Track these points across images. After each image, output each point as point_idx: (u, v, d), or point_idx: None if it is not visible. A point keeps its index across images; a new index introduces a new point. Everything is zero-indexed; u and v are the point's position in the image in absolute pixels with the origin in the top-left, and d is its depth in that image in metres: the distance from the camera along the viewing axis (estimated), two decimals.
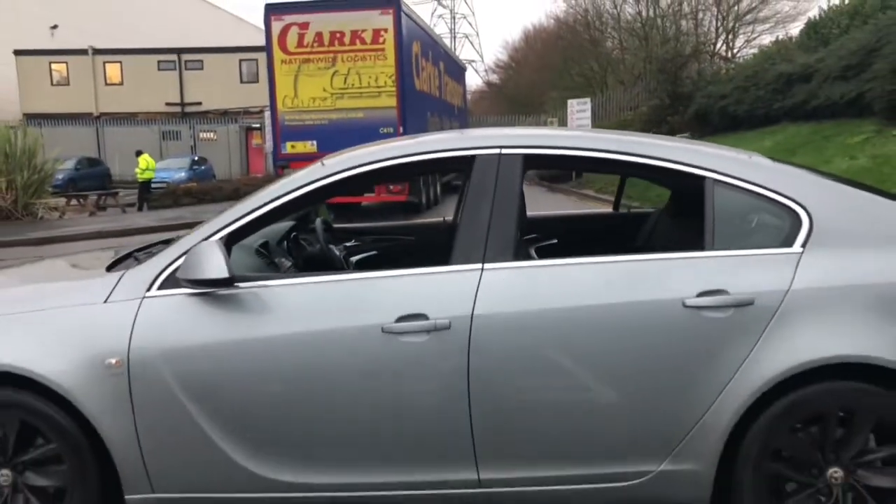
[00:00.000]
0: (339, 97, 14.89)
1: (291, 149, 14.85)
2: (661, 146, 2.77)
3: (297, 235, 3.82)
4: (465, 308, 2.52)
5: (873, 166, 11.37)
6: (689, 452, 2.51)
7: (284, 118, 15.10)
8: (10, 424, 2.62)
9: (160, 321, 2.60)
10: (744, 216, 2.64)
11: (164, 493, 2.65)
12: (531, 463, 2.56)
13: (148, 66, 36.22)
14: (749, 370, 2.44)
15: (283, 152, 14.98)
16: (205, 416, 2.57)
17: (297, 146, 14.81)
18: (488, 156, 2.70)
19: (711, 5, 29.93)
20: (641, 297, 2.50)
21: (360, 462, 2.60)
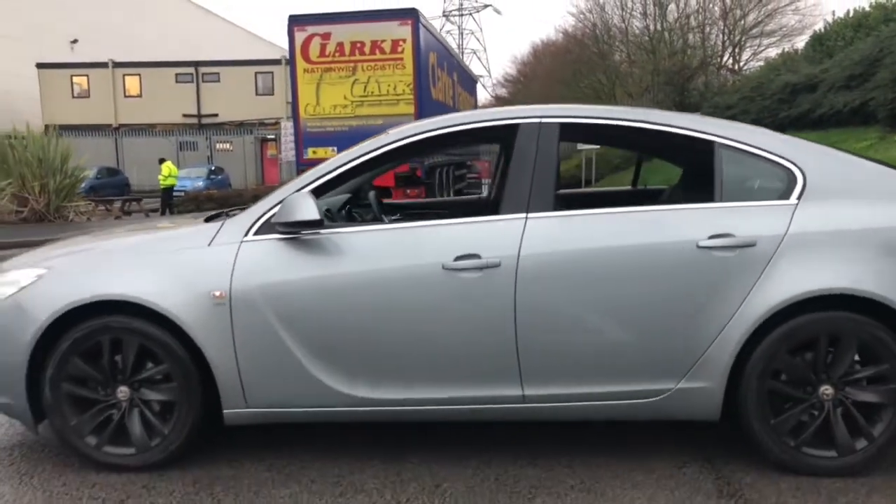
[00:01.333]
0: (359, 104, 15.47)
1: (313, 154, 15.39)
2: (676, 116, 3.27)
3: (350, 208, 4.32)
4: (513, 249, 3.01)
5: None
6: (703, 372, 2.98)
7: (306, 125, 15.67)
8: (131, 348, 3.11)
9: (256, 260, 3.10)
10: (747, 174, 3.12)
11: (257, 407, 3.13)
12: (568, 381, 3.04)
13: (166, 78, 37.00)
14: (752, 301, 2.92)
15: (304, 157, 15.51)
16: (293, 340, 3.06)
17: (319, 152, 15.36)
18: (530, 124, 3.21)
19: (718, 19, 30.51)
20: (661, 239, 2.99)
21: (422, 380, 3.07)
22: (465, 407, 3.10)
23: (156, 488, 3.02)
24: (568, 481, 3.01)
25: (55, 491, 3.01)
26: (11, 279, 3.22)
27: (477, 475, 3.09)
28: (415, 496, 2.92)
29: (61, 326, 3.09)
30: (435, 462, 3.22)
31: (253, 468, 3.20)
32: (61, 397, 3.13)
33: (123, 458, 3.16)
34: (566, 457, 3.24)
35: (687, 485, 2.95)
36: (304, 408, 3.14)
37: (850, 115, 15.65)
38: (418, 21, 15.29)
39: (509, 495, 2.90)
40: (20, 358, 3.09)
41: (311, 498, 2.92)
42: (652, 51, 31.20)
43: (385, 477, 3.09)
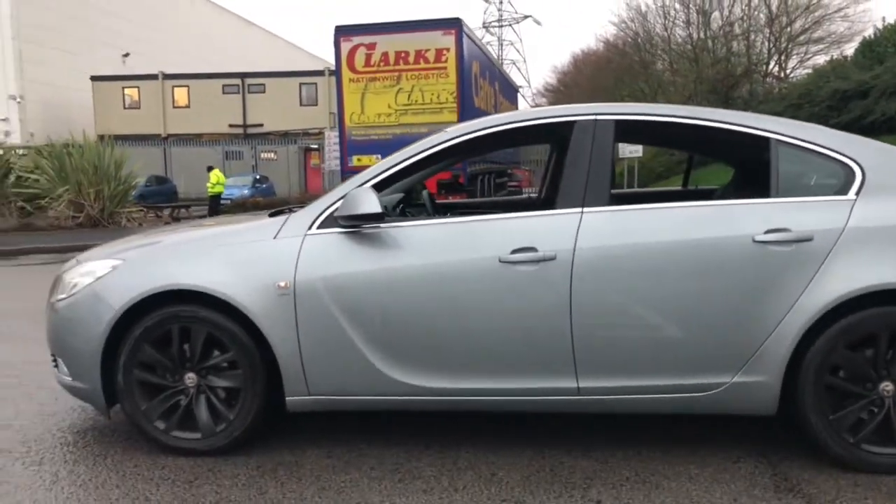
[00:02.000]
0: (403, 113, 15.67)
1: (357, 162, 15.62)
2: (731, 114, 3.29)
3: (404, 207, 4.42)
4: (569, 243, 3.07)
5: None
6: (759, 366, 2.99)
7: (351, 133, 15.93)
8: (199, 336, 3.24)
9: (319, 253, 3.21)
10: (803, 170, 3.13)
11: (318, 394, 3.23)
12: (623, 374, 3.07)
13: (213, 89, 37.85)
14: (809, 296, 2.93)
15: (349, 165, 15.76)
16: (353, 329, 3.15)
17: (363, 159, 15.59)
18: (586, 121, 3.27)
19: (763, 27, 30.09)
20: (717, 234, 3.01)
21: (478, 371, 3.14)
22: (520, 398, 3.16)
23: (221, 471, 3.13)
24: (623, 472, 3.05)
25: (127, 472, 3.15)
26: (88, 269, 3.38)
27: (532, 465, 3.14)
28: (471, 483, 2.98)
29: (134, 315, 3.24)
30: (490, 452, 3.28)
31: (314, 455, 3.30)
32: (133, 383, 3.27)
33: (190, 443, 3.29)
34: (620, 449, 3.28)
35: (743, 479, 2.96)
36: (363, 396, 3.23)
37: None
38: (462, 31, 15.45)
39: (564, 485, 2.95)
40: (96, 345, 3.24)
41: (371, 483, 3.00)
42: (695, 59, 30.94)
43: (441, 465, 3.16)
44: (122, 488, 2.98)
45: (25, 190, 16.28)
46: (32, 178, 16.28)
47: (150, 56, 41.45)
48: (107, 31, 40.09)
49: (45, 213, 16.09)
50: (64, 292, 3.40)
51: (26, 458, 3.32)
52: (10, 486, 3.04)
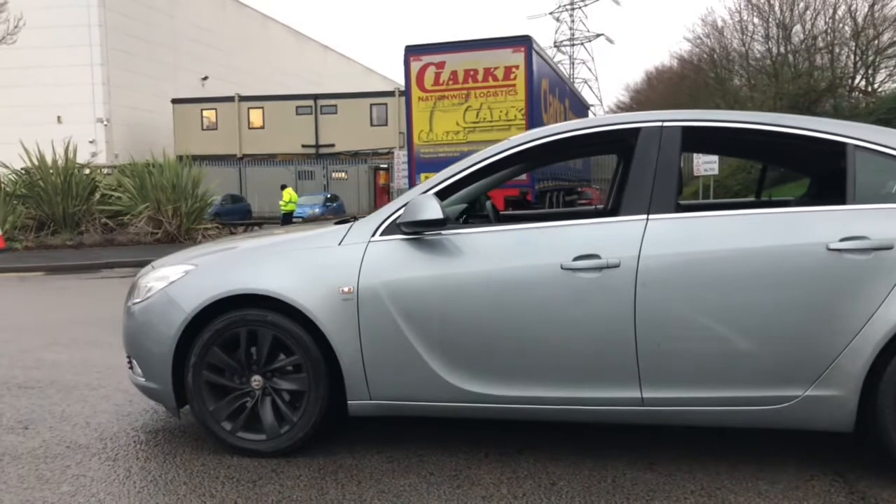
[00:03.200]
0: (471, 130, 15.77)
1: (425, 179, 15.79)
2: (806, 119, 3.19)
3: (467, 217, 4.44)
4: (633, 250, 3.02)
5: None
6: (833, 380, 2.86)
7: (420, 151, 16.13)
8: (265, 339, 3.32)
9: (382, 259, 3.25)
10: (883, 176, 3.00)
11: (379, 399, 3.26)
12: (688, 385, 2.99)
13: (287, 110, 39.01)
14: (889, 307, 2.79)
15: (417, 182, 15.93)
16: (414, 335, 3.18)
17: (431, 177, 15.75)
18: (652, 128, 3.22)
19: (849, 39, 28.97)
20: (788, 241, 2.91)
21: (539, 379, 3.11)
22: (581, 408, 3.11)
23: (284, 472, 3.19)
24: (688, 486, 2.96)
25: (195, 470, 3.24)
26: (162, 275, 3.52)
27: (593, 476, 3.08)
28: (531, 492, 2.95)
29: (204, 318, 3.35)
30: (549, 461, 3.24)
31: (374, 459, 3.33)
32: (201, 384, 3.38)
33: (255, 444, 3.36)
34: (685, 462, 3.19)
35: (817, 497, 2.83)
36: (424, 402, 3.24)
37: None
38: (531, 48, 15.47)
39: (626, 497, 2.88)
40: (167, 347, 3.36)
41: (430, 489, 3.00)
42: (774, 74, 30.04)
43: (501, 473, 3.14)
44: (190, 485, 3.07)
45: (109, 207, 17.09)
46: (115, 196, 17.09)
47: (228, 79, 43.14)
48: (188, 55, 41.98)
49: (126, 229, 16.83)
50: (139, 296, 3.54)
51: (102, 454, 3.46)
52: (87, 479, 3.17)
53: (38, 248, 15.98)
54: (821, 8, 28.86)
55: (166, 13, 40.66)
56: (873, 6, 27.18)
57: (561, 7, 69.29)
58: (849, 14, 28.17)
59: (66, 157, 17.10)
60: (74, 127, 32.87)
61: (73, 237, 16.44)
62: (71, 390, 4.63)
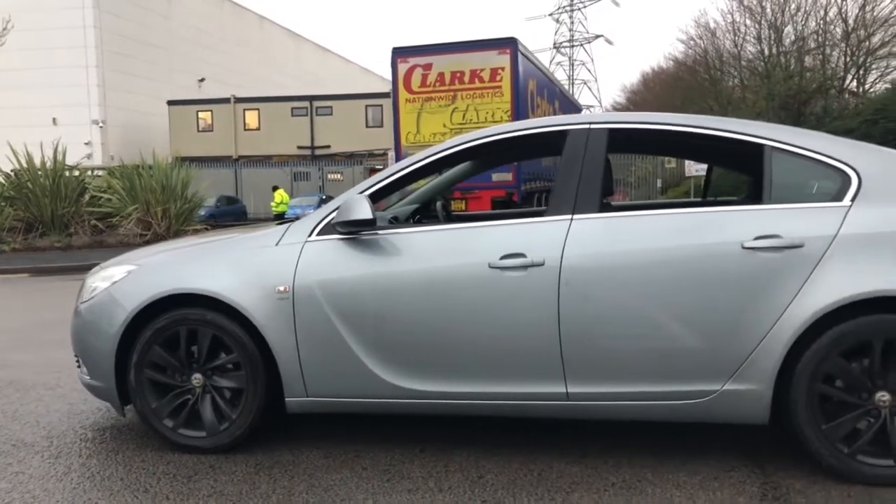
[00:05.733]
0: (458, 132, 15.83)
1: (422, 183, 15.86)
2: (727, 121, 3.26)
3: (420, 217, 4.51)
4: (557, 249, 3.09)
5: None
6: (749, 374, 2.94)
7: (407, 153, 16.16)
8: (205, 338, 3.40)
9: (318, 258, 3.33)
10: (798, 176, 3.08)
11: (316, 396, 3.34)
12: (611, 380, 3.06)
13: (282, 112, 39.08)
14: (800, 303, 2.87)
15: None
16: (349, 333, 3.25)
17: None
18: (579, 130, 3.30)
19: (840, 41, 29.04)
20: (705, 240, 2.99)
21: (469, 374, 3.19)
22: (509, 402, 3.18)
23: (221, 468, 3.27)
24: (610, 479, 3.03)
25: (134, 466, 3.32)
26: (107, 275, 3.60)
27: (521, 469, 3.16)
28: (457, 485, 3.02)
29: (146, 317, 3.43)
30: (483, 456, 3.32)
31: (312, 455, 3.40)
32: (144, 382, 3.46)
33: (196, 440, 3.44)
34: (614, 456, 3.26)
35: (731, 487, 2.90)
36: (359, 398, 3.32)
37: None
38: (517, 49, 15.55)
39: (548, 489, 2.95)
40: (111, 345, 3.44)
41: (360, 483, 3.08)
42: (766, 75, 30.10)
43: (432, 467, 3.21)
44: (126, 480, 3.15)
45: (98, 209, 17.18)
46: (105, 198, 17.18)
47: (225, 80, 43.24)
48: (184, 57, 42.07)
49: (115, 230, 16.92)
50: (85, 296, 3.62)
51: (46, 452, 3.54)
52: (26, 476, 3.25)
53: (26, 251, 16.07)
54: (811, 9, 28.96)
55: (162, 15, 40.78)
56: (864, 7, 27.26)
57: (560, 8, 69.42)
58: (839, 15, 28.26)
59: (55, 159, 17.19)
60: (70, 129, 32.97)
61: (61, 239, 16.53)
62: (28, 390, 4.71)
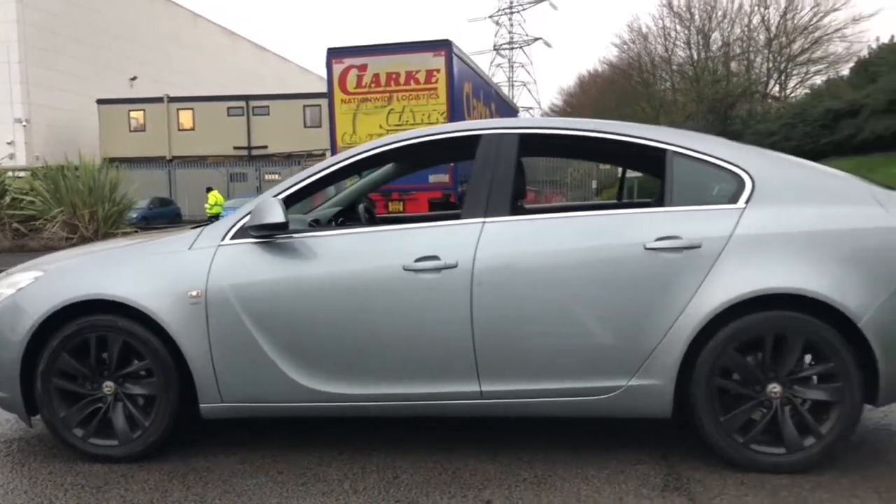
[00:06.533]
0: (394, 133, 15.85)
1: (350, 182, 15.79)
2: (631, 127, 3.39)
3: (343, 220, 4.52)
4: (469, 251, 3.16)
5: None
6: (652, 370, 3.06)
7: None
8: (115, 345, 3.34)
9: (231, 263, 3.31)
10: (697, 180, 3.22)
11: (231, 402, 3.32)
12: (523, 378, 3.14)
13: (218, 112, 38.35)
14: (698, 301, 3.00)
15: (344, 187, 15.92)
16: (263, 337, 3.25)
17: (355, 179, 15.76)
18: (491, 135, 3.37)
19: (763, 47, 30.22)
20: (610, 241, 3.10)
21: (384, 376, 3.22)
22: (425, 402, 3.23)
23: (133, 477, 3.22)
24: (522, 475, 3.11)
25: (40, 478, 3.23)
26: (12, 281, 3.50)
27: (436, 468, 3.20)
28: (372, 486, 3.05)
29: (53, 325, 3.34)
30: (400, 456, 3.35)
31: (227, 461, 3.38)
32: (51, 391, 3.36)
33: (107, 450, 3.37)
34: (528, 453, 3.34)
35: (637, 479, 3.02)
36: (275, 403, 3.31)
37: (891, 140, 15.37)
38: (451, 52, 15.65)
39: (461, 487, 3.01)
40: (15, 354, 3.34)
41: (275, 487, 3.07)
42: (695, 79, 31.10)
43: (349, 469, 3.23)
44: (31, 493, 3.07)
45: (20, 211, 16.53)
46: (27, 200, 16.55)
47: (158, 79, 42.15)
48: (115, 54, 40.83)
49: (39, 234, 16.32)
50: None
51: None
52: None
53: None
54: (737, 16, 30.07)
55: (91, 10, 39.48)
56: (785, 16, 28.42)
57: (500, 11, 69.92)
58: (762, 23, 29.40)
59: None
60: None
61: None
62: None
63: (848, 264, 2.95)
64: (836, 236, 2.99)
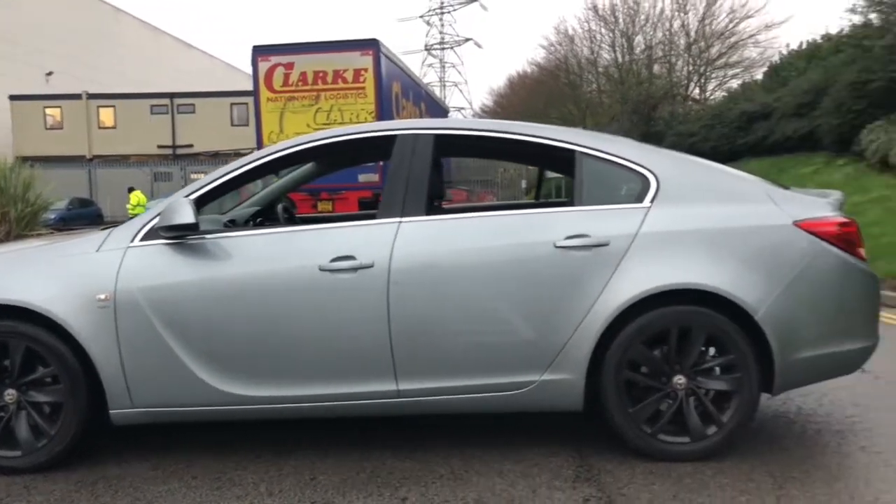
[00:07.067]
0: None
1: None
2: (542, 128, 3.47)
3: (261, 220, 4.47)
4: (385, 251, 3.17)
5: None
6: (564, 365, 3.14)
7: None
8: (17, 350, 3.21)
9: (140, 265, 3.24)
10: (605, 180, 3.32)
11: (143, 407, 3.24)
12: (440, 375, 3.18)
13: (141, 110, 37.20)
14: (606, 297, 3.10)
15: None
16: (175, 340, 3.18)
17: None
18: (406, 135, 3.40)
19: (683, 51, 31.23)
20: (522, 240, 3.17)
21: (301, 377, 3.20)
22: (342, 403, 3.23)
23: (37, 488, 3.11)
24: (439, 471, 3.14)
25: None
26: None
27: (354, 468, 3.21)
28: (288, 488, 3.03)
29: None
30: (318, 458, 3.34)
31: (140, 467, 3.30)
32: None
33: (10, 461, 3.24)
34: (447, 449, 3.38)
35: (549, 472, 3.09)
36: (189, 407, 3.25)
37: (799, 142, 16.14)
38: (379, 51, 15.61)
39: (378, 486, 3.02)
40: None
41: (188, 493, 3.02)
42: (620, 81, 31.87)
43: (266, 472, 3.21)
44: None
45: None
46: None
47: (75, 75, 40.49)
48: (29, 48, 38.99)
49: None
50: None
51: None
52: None
53: None
54: (658, 20, 30.96)
55: (3, 3, 37.66)
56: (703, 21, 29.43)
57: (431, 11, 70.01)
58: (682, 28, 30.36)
59: None
60: None
61: None
62: None
63: (745, 260, 3.10)
64: (734, 234, 3.13)
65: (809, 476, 2.97)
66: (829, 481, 2.92)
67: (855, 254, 3.20)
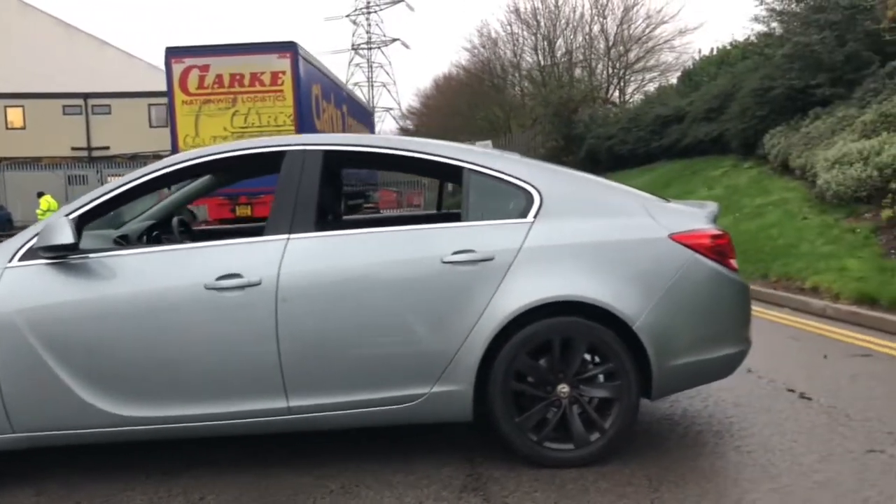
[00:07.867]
0: (240, 136, 15.41)
1: None
2: (432, 144, 3.54)
3: (158, 234, 4.39)
4: (273, 268, 3.18)
5: (726, 194, 12.75)
6: (453, 377, 3.21)
7: None
8: None
9: (19, 286, 3.14)
10: (491, 196, 3.40)
11: (24, 431, 3.15)
12: (330, 391, 3.20)
13: (52, 110, 35.75)
14: (491, 310, 3.18)
15: None
16: (57, 362, 3.10)
17: None
18: (295, 151, 3.41)
19: (603, 55, 32.05)
20: (410, 255, 3.22)
21: (189, 397, 3.17)
22: (232, 422, 3.21)
23: None
24: (329, 486, 3.17)
25: None
26: None
27: (246, 486, 3.20)
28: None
29: None
30: (211, 478, 3.31)
31: (22, 494, 3.21)
32: None
33: None
34: (342, 462, 3.41)
35: (439, 482, 3.16)
36: (72, 430, 3.17)
37: (710, 145, 16.76)
38: (297, 54, 15.46)
39: (268, 502, 3.03)
40: None
41: None
42: (542, 84, 32.45)
43: (154, 493, 3.16)
44: None
45: None
46: None
47: None
48: None
49: None
50: None
51: None
52: None
53: None
54: (578, 24, 31.67)
55: None
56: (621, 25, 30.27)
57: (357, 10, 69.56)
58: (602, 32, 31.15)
59: None
60: None
61: None
62: None
63: (624, 272, 3.24)
64: (612, 247, 3.27)
65: (684, 478, 3.12)
66: (700, 482, 3.08)
67: (727, 265, 3.38)
